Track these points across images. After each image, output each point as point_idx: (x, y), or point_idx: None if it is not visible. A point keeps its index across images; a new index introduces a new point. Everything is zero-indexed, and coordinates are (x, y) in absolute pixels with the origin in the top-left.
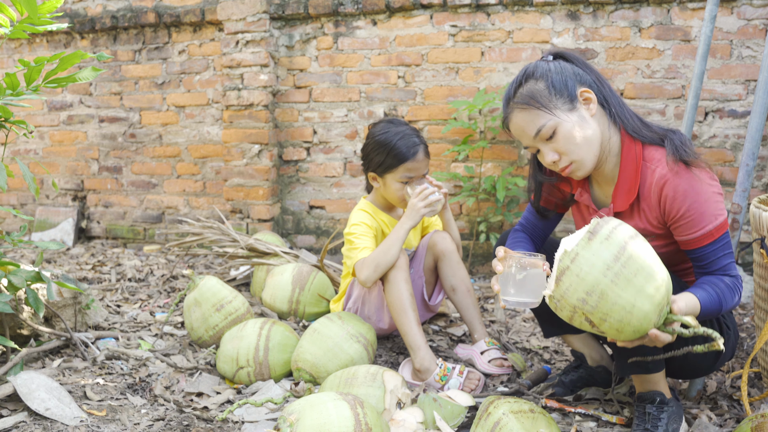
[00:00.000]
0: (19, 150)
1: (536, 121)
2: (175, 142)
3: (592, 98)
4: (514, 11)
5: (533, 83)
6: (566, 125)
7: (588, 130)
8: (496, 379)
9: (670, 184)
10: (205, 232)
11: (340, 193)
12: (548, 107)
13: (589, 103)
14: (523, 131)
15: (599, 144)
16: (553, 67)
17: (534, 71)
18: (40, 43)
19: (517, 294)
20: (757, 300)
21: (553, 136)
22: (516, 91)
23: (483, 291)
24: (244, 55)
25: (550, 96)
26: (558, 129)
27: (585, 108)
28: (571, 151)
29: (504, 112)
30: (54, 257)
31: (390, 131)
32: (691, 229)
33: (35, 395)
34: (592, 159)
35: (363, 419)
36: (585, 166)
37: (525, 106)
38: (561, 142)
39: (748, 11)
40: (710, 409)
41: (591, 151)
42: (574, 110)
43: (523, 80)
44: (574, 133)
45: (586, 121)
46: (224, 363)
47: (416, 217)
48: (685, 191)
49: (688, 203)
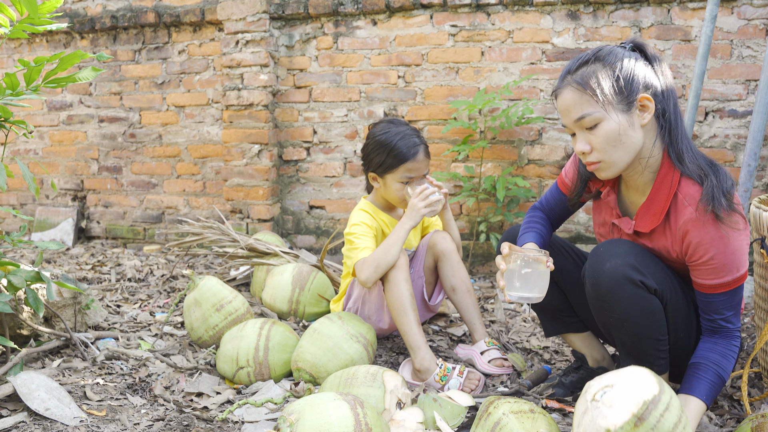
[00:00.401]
0: (19, 150)
1: (584, 107)
2: (175, 142)
3: (650, 108)
4: (514, 11)
5: (599, 67)
6: (611, 124)
7: (631, 138)
8: (496, 379)
9: (696, 232)
10: (205, 232)
11: (340, 193)
12: (602, 99)
13: (645, 111)
14: (567, 110)
15: (636, 154)
16: (627, 61)
17: (606, 56)
18: (40, 43)
19: (521, 289)
20: (757, 300)
21: (593, 128)
22: (579, 67)
23: (483, 291)
24: (244, 55)
25: (610, 88)
26: (601, 124)
27: (638, 114)
28: (605, 151)
29: (558, 83)
30: (54, 257)
31: (390, 131)
32: (710, 275)
33: (35, 395)
34: (622, 166)
35: (363, 419)
36: (612, 169)
37: (580, 87)
38: (599, 138)
39: (748, 11)
40: (710, 409)
41: (624, 158)
42: (627, 113)
43: (591, 59)
44: (616, 135)
45: (634, 128)
46: (224, 363)
47: (416, 217)
48: (711, 241)
49: (713, 252)
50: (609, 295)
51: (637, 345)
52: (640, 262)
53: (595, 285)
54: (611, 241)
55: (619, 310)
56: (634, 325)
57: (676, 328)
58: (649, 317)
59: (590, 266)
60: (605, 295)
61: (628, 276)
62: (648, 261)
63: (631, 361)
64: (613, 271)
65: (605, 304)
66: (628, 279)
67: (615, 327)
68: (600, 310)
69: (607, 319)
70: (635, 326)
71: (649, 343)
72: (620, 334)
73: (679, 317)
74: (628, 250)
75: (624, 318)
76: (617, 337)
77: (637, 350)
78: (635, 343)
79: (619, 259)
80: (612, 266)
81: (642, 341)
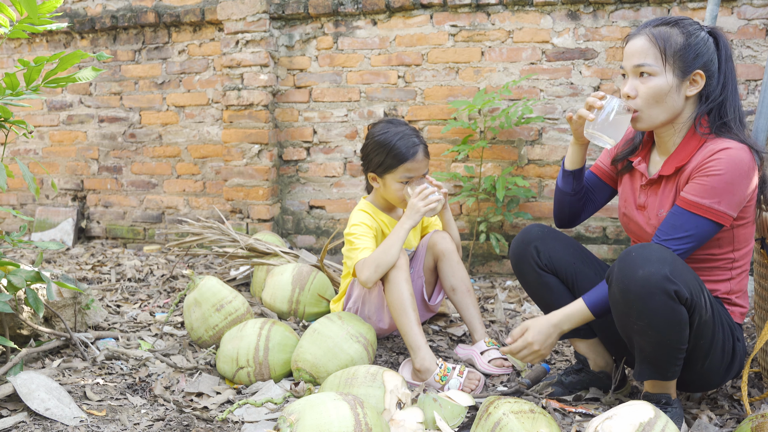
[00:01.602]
0: (19, 150)
1: (647, 57)
2: (175, 142)
3: (700, 84)
4: (514, 11)
5: (676, 30)
6: (661, 82)
7: (672, 101)
8: (496, 379)
9: (712, 154)
10: (205, 232)
11: (340, 193)
12: (665, 58)
13: (693, 85)
14: (633, 54)
15: (671, 117)
16: (701, 37)
17: (685, 25)
18: (40, 42)
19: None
20: (757, 300)
21: (646, 79)
22: (659, 25)
23: (483, 291)
24: (244, 55)
25: (676, 52)
26: (653, 78)
27: (687, 85)
28: (646, 103)
29: (635, 30)
30: (54, 257)
31: (389, 131)
32: (692, 190)
33: (35, 395)
34: (656, 123)
35: (363, 419)
36: (646, 121)
37: (653, 39)
38: (645, 89)
39: (748, 11)
40: (710, 409)
41: (660, 116)
42: (680, 78)
43: (672, 22)
44: (661, 93)
45: (679, 94)
46: (224, 363)
47: (416, 216)
48: (718, 162)
49: (711, 169)
50: (638, 303)
51: (656, 352)
52: (673, 271)
53: (625, 291)
54: (644, 246)
55: (647, 319)
56: (658, 334)
57: (698, 335)
58: (676, 327)
59: (620, 270)
60: (634, 302)
61: (662, 287)
62: (681, 266)
63: (647, 367)
64: (646, 279)
65: (632, 311)
66: (661, 290)
67: (638, 334)
68: (625, 315)
69: (632, 325)
70: (659, 335)
71: (669, 351)
72: (641, 341)
73: (702, 325)
74: (663, 256)
75: (649, 327)
76: (637, 342)
77: (656, 357)
78: (655, 351)
79: (653, 267)
80: (645, 274)
81: (663, 349)
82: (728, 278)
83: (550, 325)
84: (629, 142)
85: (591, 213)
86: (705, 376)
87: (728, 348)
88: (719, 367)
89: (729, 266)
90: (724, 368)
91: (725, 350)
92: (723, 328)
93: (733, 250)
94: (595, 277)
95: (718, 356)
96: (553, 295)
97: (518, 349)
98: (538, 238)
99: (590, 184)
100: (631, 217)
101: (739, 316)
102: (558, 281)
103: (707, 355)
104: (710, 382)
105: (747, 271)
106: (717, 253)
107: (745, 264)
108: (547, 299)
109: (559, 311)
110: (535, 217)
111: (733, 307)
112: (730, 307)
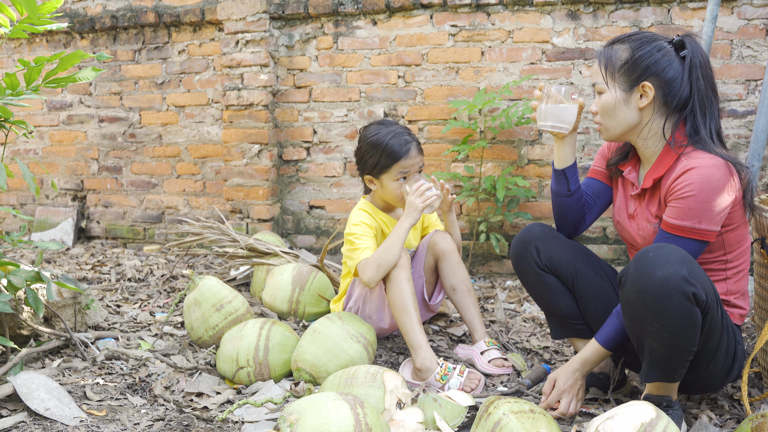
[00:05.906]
0: (19, 150)
1: (597, 76)
2: (175, 142)
3: (649, 95)
4: (514, 11)
5: (624, 47)
6: (608, 97)
7: (624, 114)
8: (496, 379)
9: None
10: (205, 232)
11: (340, 193)
12: (610, 75)
13: (644, 97)
14: (592, 74)
15: (628, 128)
16: (648, 50)
17: (635, 41)
18: (40, 43)
19: (545, 116)
20: (758, 300)
21: (599, 95)
22: (611, 44)
23: (483, 291)
24: (244, 55)
25: (620, 68)
26: (604, 94)
27: (637, 96)
28: (601, 116)
29: (598, 52)
30: (54, 257)
31: (381, 132)
32: (674, 214)
33: (35, 395)
34: (615, 134)
35: (363, 419)
36: (607, 133)
37: (600, 59)
38: (599, 105)
39: (748, 11)
40: (710, 409)
41: (617, 128)
42: (626, 92)
43: (624, 38)
44: (610, 108)
45: (628, 106)
46: (224, 363)
47: (415, 215)
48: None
49: (688, 192)
50: (656, 305)
51: (667, 354)
52: (691, 272)
53: (642, 292)
54: (661, 246)
55: (663, 320)
56: (672, 336)
57: (708, 337)
58: (690, 329)
59: (637, 271)
60: (651, 303)
61: (681, 289)
62: (697, 268)
63: (656, 369)
64: (665, 281)
65: (648, 312)
66: (680, 292)
67: (651, 335)
68: (639, 317)
69: (646, 326)
70: (673, 337)
71: (680, 354)
72: (654, 343)
73: (712, 327)
74: (681, 257)
75: (664, 329)
76: (649, 344)
77: (667, 359)
78: (667, 353)
79: (672, 268)
80: (664, 275)
81: (674, 351)
82: (723, 278)
83: (572, 372)
84: (621, 148)
85: (595, 217)
86: (707, 379)
87: (731, 350)
88: (721, 369)
89: (723, 267)
90: (725, 371)
91: (728, 352)
92: (727, 330)
93: (725, 253)
94: (596, 277)
95: (721, 358)
96: (553, 295)
97: (555, 400)
98: (538, 238)
99: (591, 189)
100: (623, 225)
101: (738, 317)
102: (558, 281)
103: (713, 358)
104: (711, 385)
105: (745, 271)
106: (709, 257)
107: (741, 264)
108: (547, 299)
109: (577, 357)
110: (535, 217)
111: (732, 308)
112: (729, 308)
